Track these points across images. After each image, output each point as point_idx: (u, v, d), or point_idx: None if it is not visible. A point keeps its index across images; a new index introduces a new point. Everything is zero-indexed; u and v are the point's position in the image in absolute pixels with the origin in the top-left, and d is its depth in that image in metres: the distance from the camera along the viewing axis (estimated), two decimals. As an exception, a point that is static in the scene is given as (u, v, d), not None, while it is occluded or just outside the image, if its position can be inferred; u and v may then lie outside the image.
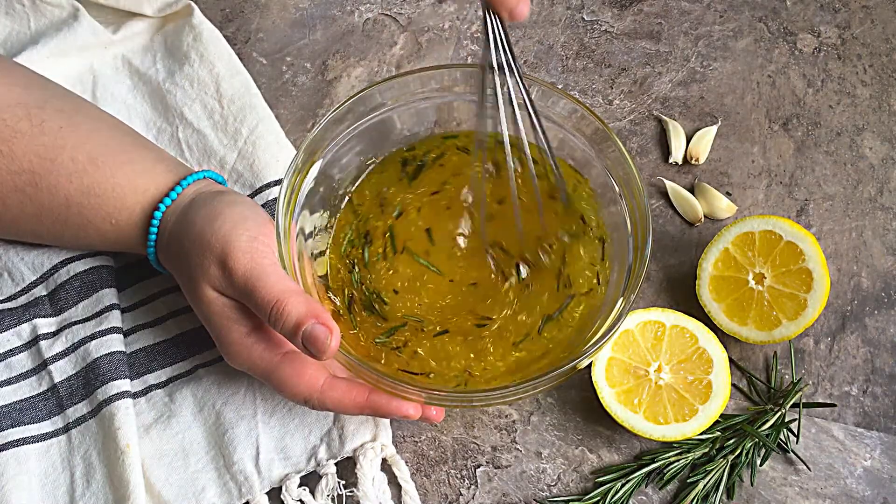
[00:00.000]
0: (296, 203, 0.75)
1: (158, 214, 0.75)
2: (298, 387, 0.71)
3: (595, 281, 0.76)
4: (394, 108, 0.79)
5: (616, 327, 0.71)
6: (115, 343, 0.78)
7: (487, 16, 0.67)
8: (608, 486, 0.77)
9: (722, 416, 0.78)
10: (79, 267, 0.80)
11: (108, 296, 0.80)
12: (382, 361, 0.74)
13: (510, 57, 0.69)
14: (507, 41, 0.68)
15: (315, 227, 0.78)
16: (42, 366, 0.79)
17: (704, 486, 0.76)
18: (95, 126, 0.78)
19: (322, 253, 0.78)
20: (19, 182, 0.75)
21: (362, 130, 0.78)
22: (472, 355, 0.75)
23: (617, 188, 0.77)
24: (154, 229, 0.75)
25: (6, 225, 0.78)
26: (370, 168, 0.80)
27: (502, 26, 0.67)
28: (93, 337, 0.78)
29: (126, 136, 0.79)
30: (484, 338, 0.75)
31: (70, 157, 0.75)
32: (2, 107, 0.75)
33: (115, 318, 0.79)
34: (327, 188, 0.78)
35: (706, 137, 0.89)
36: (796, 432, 0.78)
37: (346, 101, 0.76)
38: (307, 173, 0.76)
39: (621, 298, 0.73)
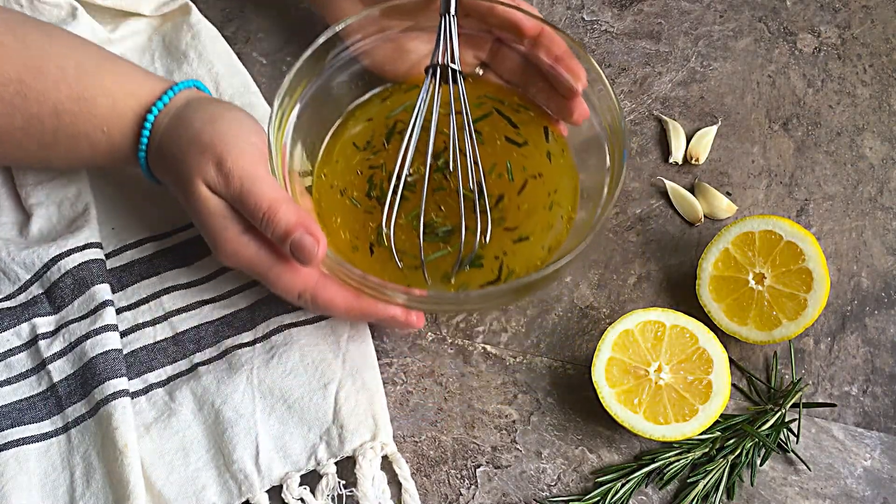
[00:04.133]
0: (286, 126, 0.79)
1: (151, 118, 0.76)
2: (294, 281, 0.74)
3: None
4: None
5: (595, 229, 0.73)
6: (110, 341, 0.78)
7: (444, 18, 0.75)
8: (608, 486, 0.77)
9: (722, 416, 0.78)
10: (69, 264, 0.80)
11: (101, 292, 0.79)
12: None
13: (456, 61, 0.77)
14: (456, 44, 0.77)
15: (304, 153, 0.81)
16: (41, 365, 0.78)
17: (704, 486, 0.76)
18: (80, 41, 0.79)
19: (309, 172, 0.81)
20: (6, 93, 0.75)
21: (348, 60, 0.82)
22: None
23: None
24: (146, 132, 0.76)
25: None
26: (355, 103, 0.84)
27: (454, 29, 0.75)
28: (87, 336, 0.78)
29: (109, 52, 0.80)
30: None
31: (57, 66, 0.75)
32: None
33: (108, 316, 0.79)
34: (314, 113, 0.81)
35: (706, 137, 0.89)
36: (796, 432, 0.78)
37: (335, 29, 0.80)
38: (297, 97, 0.79)
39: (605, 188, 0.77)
